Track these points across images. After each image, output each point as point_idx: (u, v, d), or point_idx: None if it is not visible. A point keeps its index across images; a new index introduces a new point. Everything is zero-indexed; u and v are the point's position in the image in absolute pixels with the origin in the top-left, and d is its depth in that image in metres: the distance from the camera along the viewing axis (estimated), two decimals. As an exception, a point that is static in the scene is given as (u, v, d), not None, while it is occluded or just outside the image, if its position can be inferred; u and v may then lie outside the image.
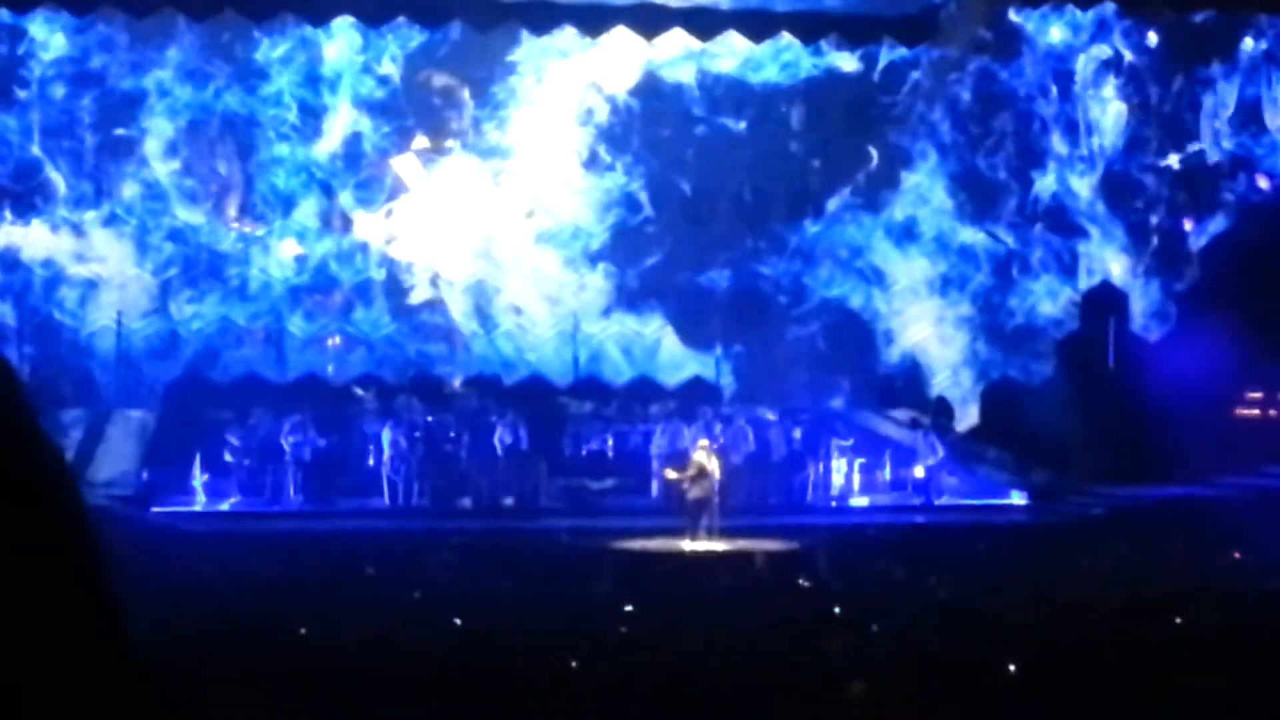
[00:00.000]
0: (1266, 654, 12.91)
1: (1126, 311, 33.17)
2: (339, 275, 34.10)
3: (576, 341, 33.61)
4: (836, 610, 16.14)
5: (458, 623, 15.03)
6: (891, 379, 34.49)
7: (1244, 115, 34.21)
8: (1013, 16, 33.77)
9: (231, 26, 32.72)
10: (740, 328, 34.31)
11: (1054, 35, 34.18)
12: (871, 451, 31.01)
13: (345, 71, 33.82)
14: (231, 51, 33.46)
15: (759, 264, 34.90)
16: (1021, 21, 33.84)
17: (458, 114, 34.36)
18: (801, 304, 34.80)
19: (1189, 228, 34.19)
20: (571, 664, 12.55)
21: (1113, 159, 34.32)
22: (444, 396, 31.36)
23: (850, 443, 30.80)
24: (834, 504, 29.85)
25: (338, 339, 34.03)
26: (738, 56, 34.47)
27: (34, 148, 32.84)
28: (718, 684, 11.68)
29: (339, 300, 34.21)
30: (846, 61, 34.44)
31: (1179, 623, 15.20)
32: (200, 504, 28.09)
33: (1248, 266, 31.89)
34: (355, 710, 10.90)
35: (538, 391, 32.02)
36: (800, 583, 18.88)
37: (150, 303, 33.12)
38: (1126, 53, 34.15)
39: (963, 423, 33.02)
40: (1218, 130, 34.16)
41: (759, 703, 11.23)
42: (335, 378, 32.57)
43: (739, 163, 35.19)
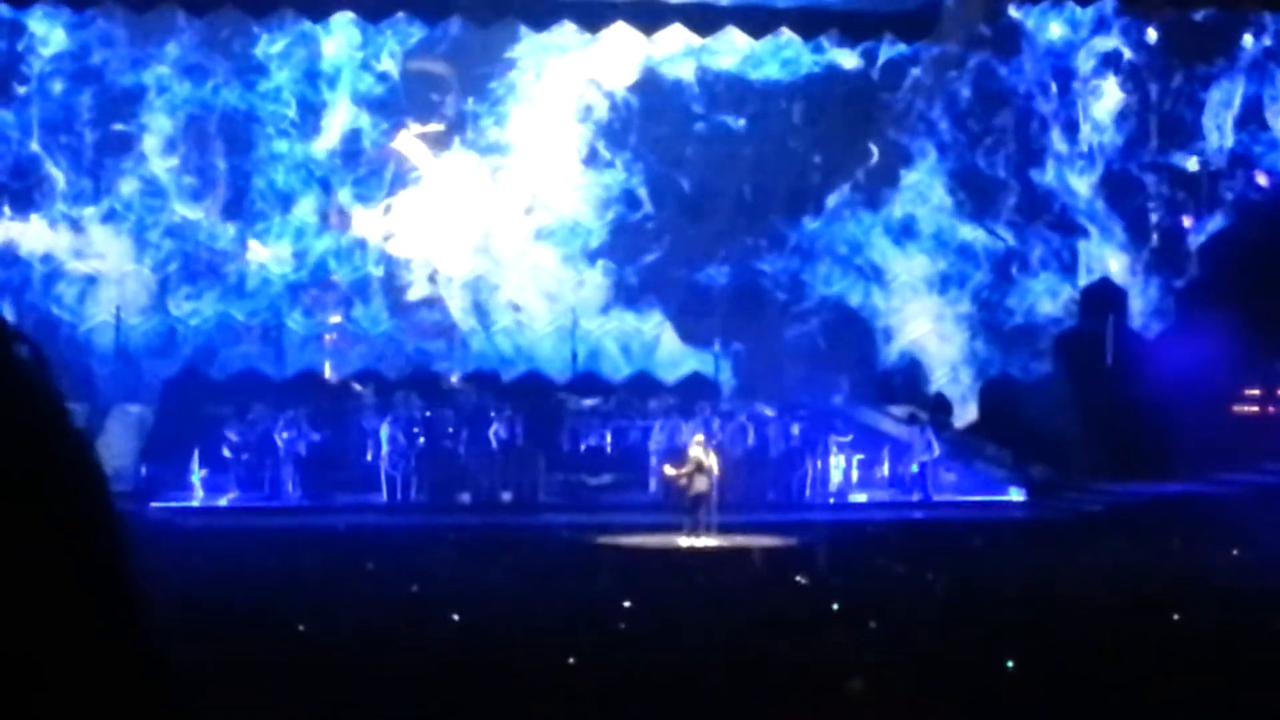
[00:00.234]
0: (1264, 650, 12.92)
1: (1125, 308, 33.16)
2: (337, 272, 34.01)
3: (575, 338, 33.53)
4: (834, 606, 16.15)
5: (455, 618, 15.04)
6: (890, 376, 34.42)
7: (1244, 113, 34.18)
8: (1012, 13, 33.74)
9: (231, 22, 32.67)
10: (739, 325, 34.18)
11: (1053, 32, 34.12)
12: (870, 448, 31.02)
13: (344, 68, 33.73)
14: (230, 47, 33.36)
15: (758, 261, 34.76)
16: (1021, 18, 33.80)
17: (457, 110, 34.25)
18: (801, 301, 34.68)
19: (1188, 224, 34.17)
20: (569, 659, 12.56)
21: (1112, 157, 34.27)
22: (442, 392, 31.34)
23: (849, 439, 30.81)
24: (832, 500, 29.87)
25: (334, 335, 33.98)
26: (737, 53, 34.37)
27: (33, 143, 32.77)
28: (715, 679, 11.69)
29: (338, 293, 34.09)
30: (846, 58, 34.35)
31: (1177, 619, 15.21)
32: (199, 499, 28.10)
33: (1247, 264, 31.87)
34: (353, 705, 10.90)
35: (536, 387, 32.00)
36: (798, 579, 18.88)
37: (149, 299, 33.05)
38: (1126, 50, 34.12)
39: (961, 419, 33.01)
40: (1218, 128, 34.13)
41: (756, 698, 11.23)
42: (334, 374, 32.53)
43: (738, 160, 35.05)
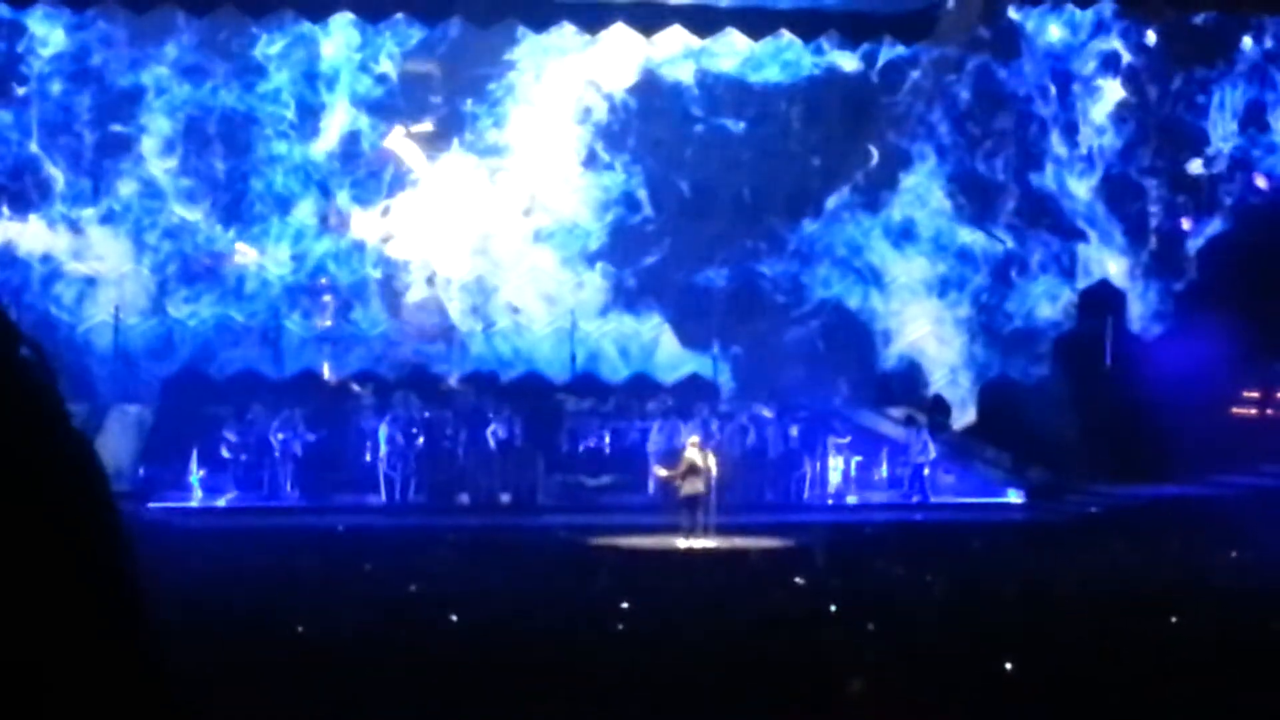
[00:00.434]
0: (1262, 652, 12.93)
1: (1124, 310, 33.15)
2: (336, 274, 33.94)
3: (574, 341, 33.48)
4: (832, 608, 16.14)
5: (454, 619, 15.04)
6: (889, 378, 34.38)
7: (1243, 116, 34.17)
8: (1012, 14, 33.72)
9: (229, 24, 32.65)
10: (738, 327, 34.16)
11: (1053, 34, 34.11)
12: (868, 449, 31.02)
13: (343, 69, 33.69)
14: (229, 48, 33.32)
15: (757, 263, 34.74)
16: (1020, 19, 33.79)
17: (455, 112, 34.19)
18: (800, 303, 34.64)
19: (1187, 226, 34.14)
20: (567, 660, 12.55)
21: (1111, 160, 34.24)
22: (441, 393, 31.32)
23: (847, 440, 30.81)
24: (830, 502, 29.87)
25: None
26: (737, 56, 34.35)
27: (32, 144, 32.74)
28: (713, 681, 11.69)
29: (332, 300, 34.02)
30: (846, 61, 34.32)
31: (1175, 621, 15.21)
32: (197, 500, 28.10)
33: (1245, 266, 31.87)
34: (352, 706, 10.90)
35: (535, 388, 31.99)
36: (796, 580, 18.87)
37: (147, 301, 33.00)
38: (1125, 53, 34.10)
39: (960, 421, 33.00)
40: (1217, 131, 34.11)
41: (754, 700, 11.23)
42: (332, 374, 32.51)
43: (738, 162, 35.02)
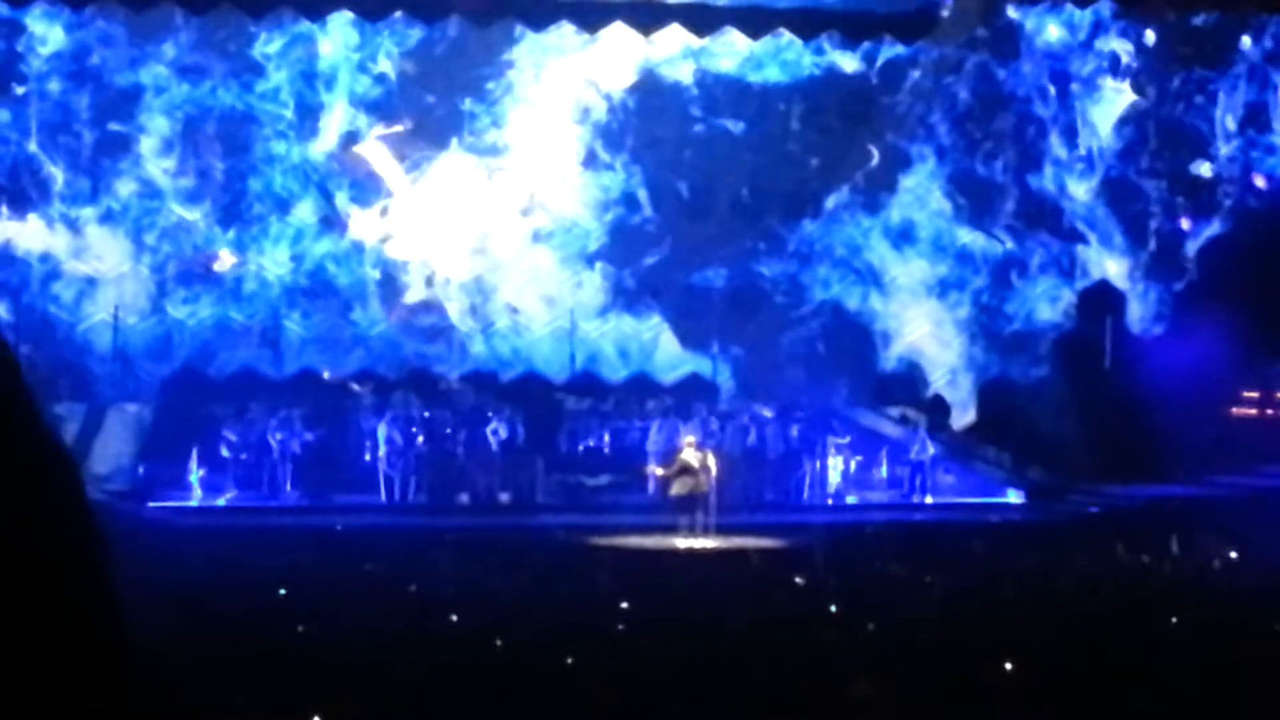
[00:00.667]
0: (1262, 653, 12.92)
1: (1123, 310, 33.13)
2: (335, 275, 33.85)
3: (573, 341, 33.43)
4: (832, 608, 16.14)
5: (454, 619, 15.03)
6: (889, 379, 34.34)
7: (1244, 116, 34.14)
8: (1011, 14, 33.69)
9: (227, 23, 32.62)
10: (738, 328, 34.11)
11: (1052, 34, 34.08)
12: (868, 449, 31.02)
13: (341, 69, 33.61)
14: (227, 48, 33.26)
15: (757, 264, 34.69)
16: (1019, 18, 33.76)
17: (453, 111, 34.12)
18: (800, 304, 34.58)
19: (1186, 226, 34.12)
20: (567, 660, 12.55)
21: (1111, 161, 34.20)
22: (440, 393, 31.31)
23: (847, 440, 30.81)
24: (830, 501, 29.88)
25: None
26: (736, 56, 34.30)
27: (30, 143, 32.70)
28: (712, 681, 11.68)
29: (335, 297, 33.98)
30: (846, 61, 34.28)
31: (1175, 622, 15.20)
32: (197, 499, 28.10)
33: (1245, 266, 31.87)
34: (351, 705, 10.89)
35: (534, 388, 31.98)
36: (796, 580, 18.87)
37: (146, 301, 32.93)
38: (1125, 54, 34.07)
39: (960, 422, 32.98)
40: (1217, 132, 34.09)
41: (754, 700, 11.22)
42: (332, 374, 32.47)
43: (737, 162, 34.97)
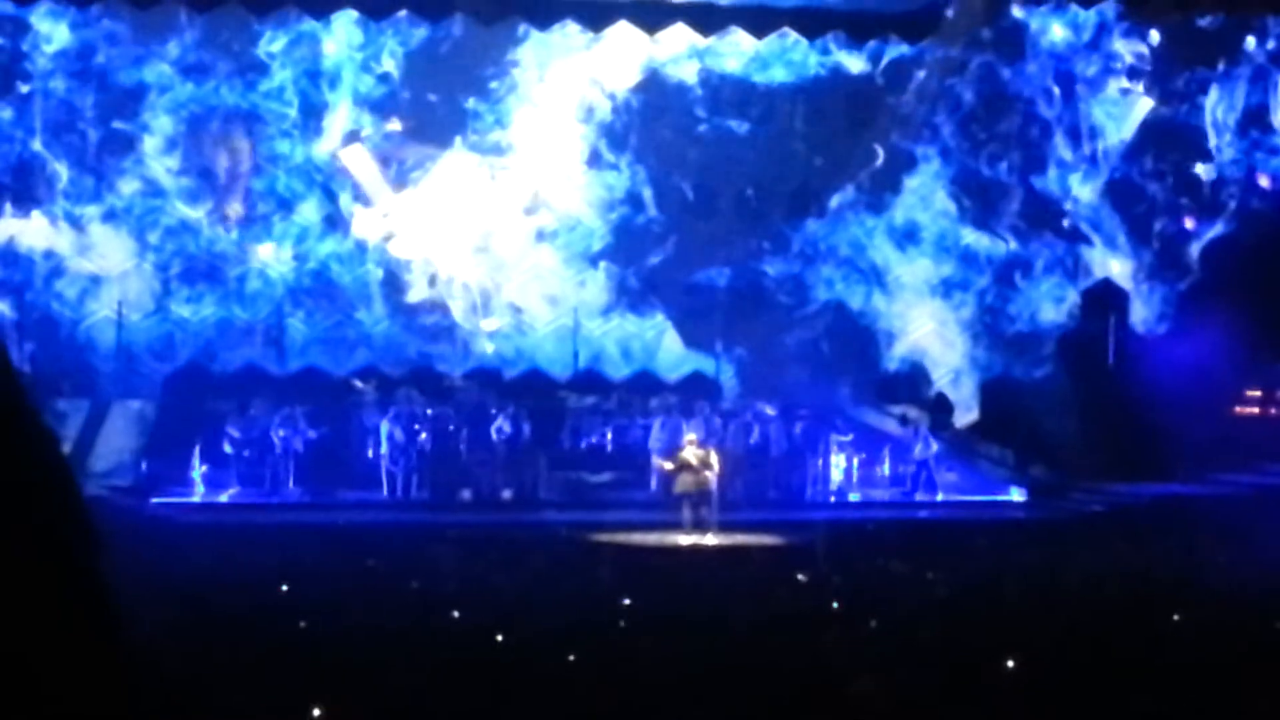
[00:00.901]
0: (1265, 652, 12.92)
1: (1126, 309, 33.12)
2: (339, 275, 33.84)
3: (577, 340, 33.42)
4: (835, 605, 16.14)
5: (456, 615, 15.04)
6: (893, 378, 34.32)
7: (1248, 117, 34.11)
8: (1016, 13, 33.67)
9: (231, 22, 32.64)
10: (741, 328, 34.10)
11: (1056, 34, 34.05)
12: (871, 447, 31.03)
13: (345, 68, 33.58)
14: (230, 47, 33.24)
15: (761, 263, 34.67)
16: (1024, 17, 33.74)
17: (457, 110, 34.10)
18: (804, 304, 34.55)
19: (1190, 225, 34.09)
20: (569, 657, 12.55)
21: (1115, 162, 34.17)
22: (443, 390, 31.32)
23: (850, 438, 30.81)
24: (833, 499, 29.88)
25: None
26: (742, 56, 34.27)
27: (35, 141, 32.70)
28: (715, 679, 11.68)
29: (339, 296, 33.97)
30: (851, 61, 34.23)
31: (1177, 620, 15.20)
32: (200, 495, 28.12)
33: (1249, 265, 31.87)
34: (354, 701, 10.90)
35: (537, 385, 31.99)
36: (798, 578, 18.87)
37: (150, 301, 32.92)
38: (1128, 55, 34.03)
39: (962, 420, 32.98)
40: (1221, 132, 34.06)
41: (756, 698, 11.23)
42: (335, 370, 32.49)
43: (742, 162, 34.94)
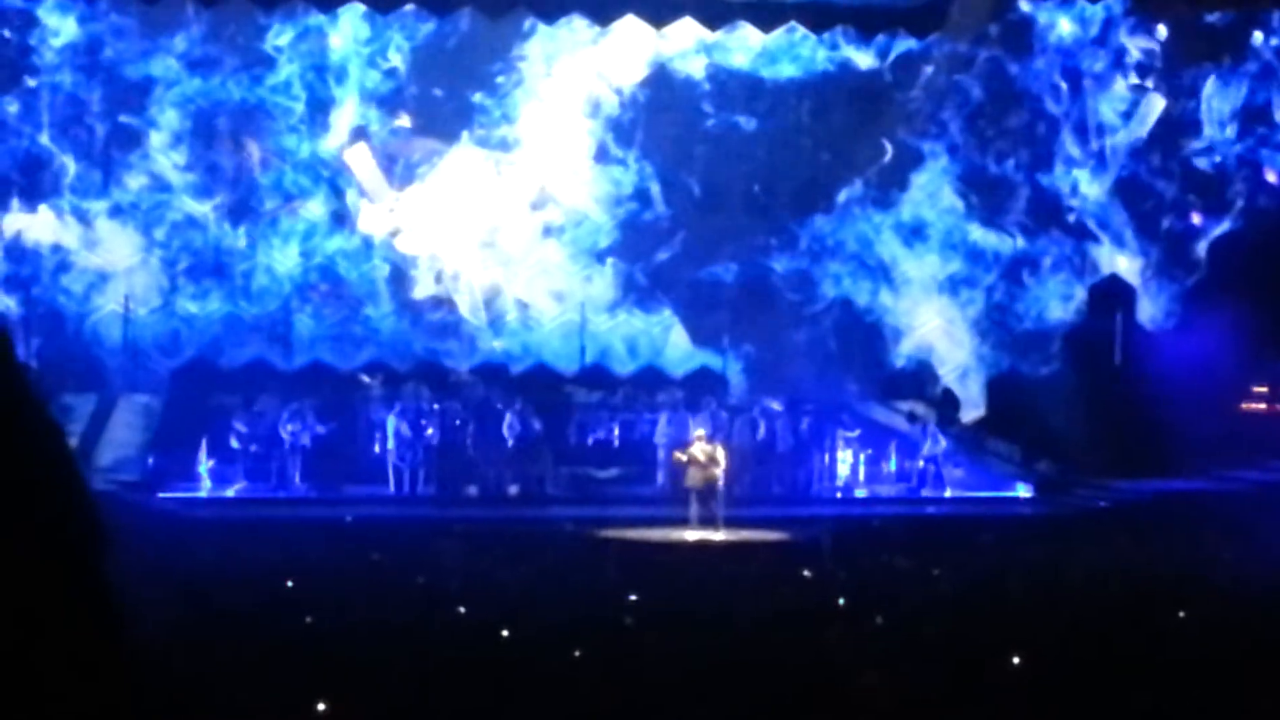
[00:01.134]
0: (1269, 648, 12.91)
1: (1133, 305, 33.09)
2: (345, 271, 33.83)
3: (583, 337, 33.38)
4: (841, 601, 16.15)
5: (461, 611, 15.04)
6: (899, 375, 34.29)
7: (1255, 112, 34.05)
8: (1023, 6, 33.63)
9: (238, 18, 32.64)
10: (749, 324, 34.07)
11: (1064, 29, 34.00)
12: (877, 442, 30.99)
13: (351, 63, 33.56)
14: (237, 41, 33.23)
15: (768, 259, 34.64)
16: (1032, 11, 33.70)
17: (464, 105, 34.07)
18: (812, 301, 34.52)
19: (1197, 221, 34.04)
20: (574, 653, 12.56)
21: (1123, 159, 34.10)
22: (450, 385, 31.31)
23: (856, 434, 30.78)
24: (839, 495, 29.87)
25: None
26: (749, 51, 34.22)
27: (42, 136, 32.71)
28: (720, 675, 11.68)
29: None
30: (859, 57, 34.19)
31: (1183, 616, 15.20)
32: (206, 490, 28.13)
33: (1255, 262, 31.82)
34: (359, 696, 10.91)
35: (544, 380, 31.98)
36: (804, 574, 18.87)
37: (156, 297, 32.94)
38: (1135, 51, 33.98)
39: (969, 415, 32.95)
40: (1228, 127, 33.99)
41: (762, 694, 11.23)
42: (342, 365, 32.49)
43: (749, 158, 34.89)
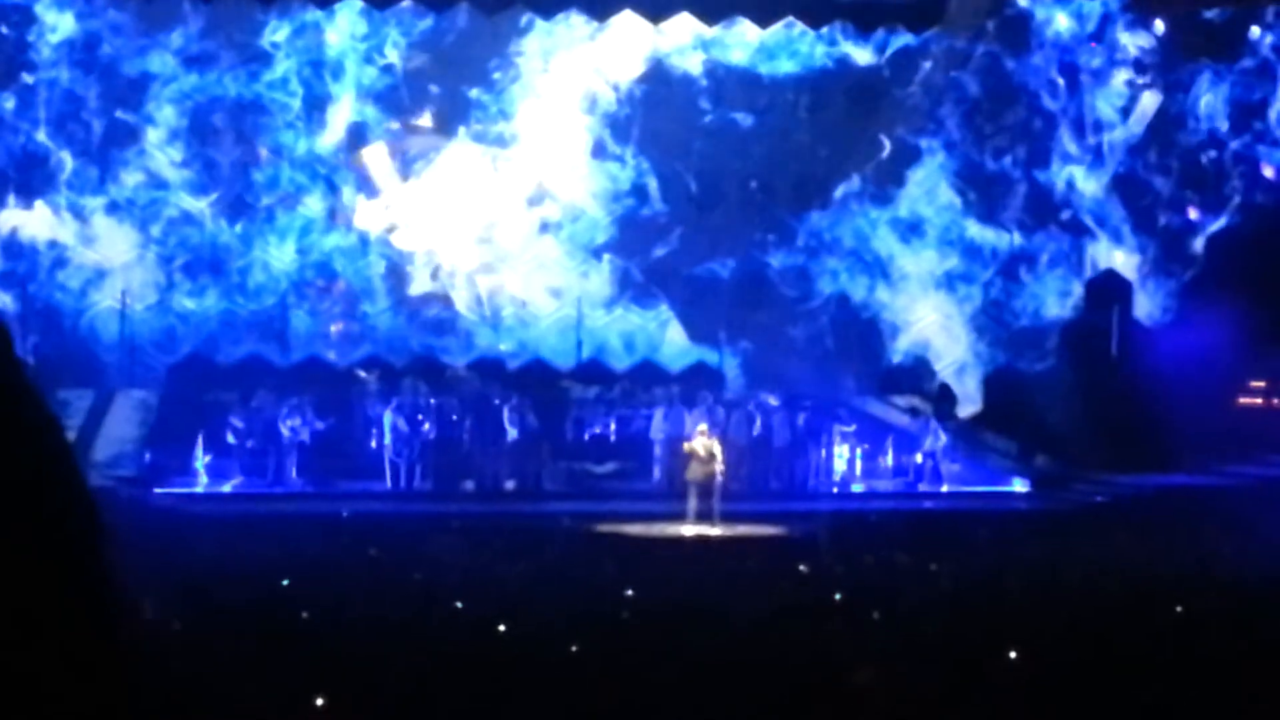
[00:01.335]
0: (1268, 643, 12.91)
1: (1130, 300, 33.09)
2: (342, 267, 33.79)
3: (580, 333, 33.33)
4: (837, 596, 16.14)
5: (459, 606, 15.03)
6: (897, 370, 34.28)
7: (1252, 110, 34.04)
8: (1020, 1, 33.60)
9: (234, 13, 32.59)
10: (745, 320, 34.04)
11: (1061, 24, 33.98)
12: (874, 437, 30.98)
13: (348, 59, 33.51)
14: (233, 36, 33.19)
15: (765, 255, 34.61)
16: (1029, 6, 33.67)
17: (461, 101, 34.04)
18: (808, 296, 34.50)
19: (1194, 216, 34.05)
20: (572, 648, 12.56)
21: (1120, 155, 34.09)
22: (446, 380, 31.29)
23: (853, 428, 30.77)
24: (836, 489, 29.85)
25: (340, 324, 33.86)
26: (747, 47, 34.19)
27: (39, 132, 32.66)
28: (717, 669, 11.68)
29: (342, 288, 33.97)
30: (857, 53, 34.15)
31: (1181, 611, 15.20)
32: (202, 485, 28.11)
33: (1252, 256, 31.83)
34: (357, 692, 10.90)
35: (541, 375, 31.96)
36: (801, 568, 18.87)
37: (153, 293, 32.90)
38: (1132, 47, 33.96)
39: (966, 410, 32.95)
40: (1226, 122, 33.98)
41: (758, 689, 11.23)
42: (338, 360, 32.47)
43: (746, 154, 34.86)
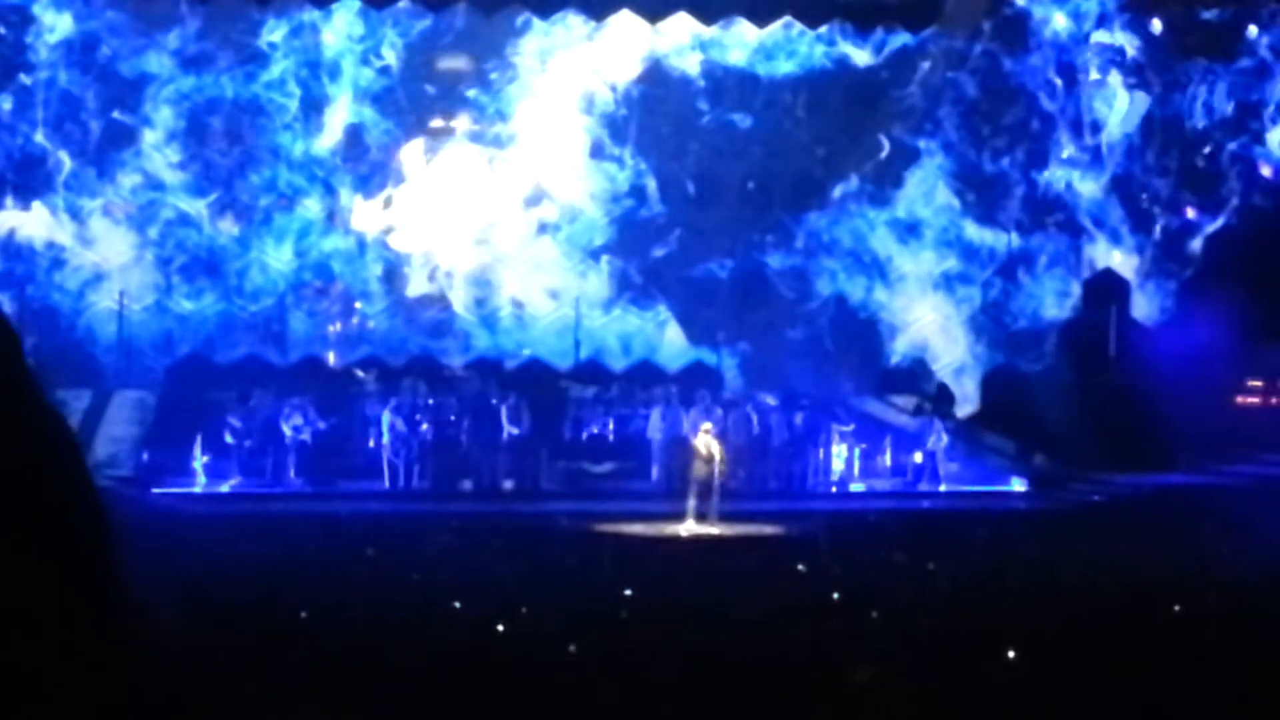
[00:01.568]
0: (1266, 642, 12.91)
1: (1128, 299, 33.10)
2: (339, 269, 33.77)
3: (578, 334, 33.31)
4: (835, 595, 16.14)
5: (457, 606, 15.03)
6: (895, 371, 34.26)
7: (1249, 108, 34.04)
8: (1018, 1, 33.60)
9: (231, 14, 32.57)
10: (744, 321, 34.03)
11: (1058, 24, 33.98)
12: (872, 437, 30.99)
13: (345, 60, 33.47)
14: (230, 37, 33.16)
15: (763, 256, 34.60)
16: (1027, 6, 33.67)
17: (459, 102, 34.02)
18: (806, 297, 34.48)
19: (1192, 216, 34.05)
20: (570, 647, 12.55)
21: (1118, 156, 34.07)
22: (444, 380, 31.28)
23: (851, 428, 30.77)
24: (834, 489, 29.86)
25: (339, 324, 33.85)
26: (745, 47, 34.16)
27: (37, 133, 32.64)
28: (715, 668, 11.68)
29: (340, 289, 33.96)
30: (855, 53, 34.14)
31: (1178, 610, 15.20)
32: (201, 485, 28.11)
33: (1250, 255, 31.84)
34: (355, 692, 10.90)
35: (538, 375, 31.96)
36: (799, 568, 18.87)
37: (150, 294, 32.87)
38: (1130, 48, 33.96)
39: (963, 410, 32.95)
40: (1224, 121, 33.99)
41: (756, 688, 11.23)
42: (336, 360, 32.45)
43: (744, 154, 34.83)
